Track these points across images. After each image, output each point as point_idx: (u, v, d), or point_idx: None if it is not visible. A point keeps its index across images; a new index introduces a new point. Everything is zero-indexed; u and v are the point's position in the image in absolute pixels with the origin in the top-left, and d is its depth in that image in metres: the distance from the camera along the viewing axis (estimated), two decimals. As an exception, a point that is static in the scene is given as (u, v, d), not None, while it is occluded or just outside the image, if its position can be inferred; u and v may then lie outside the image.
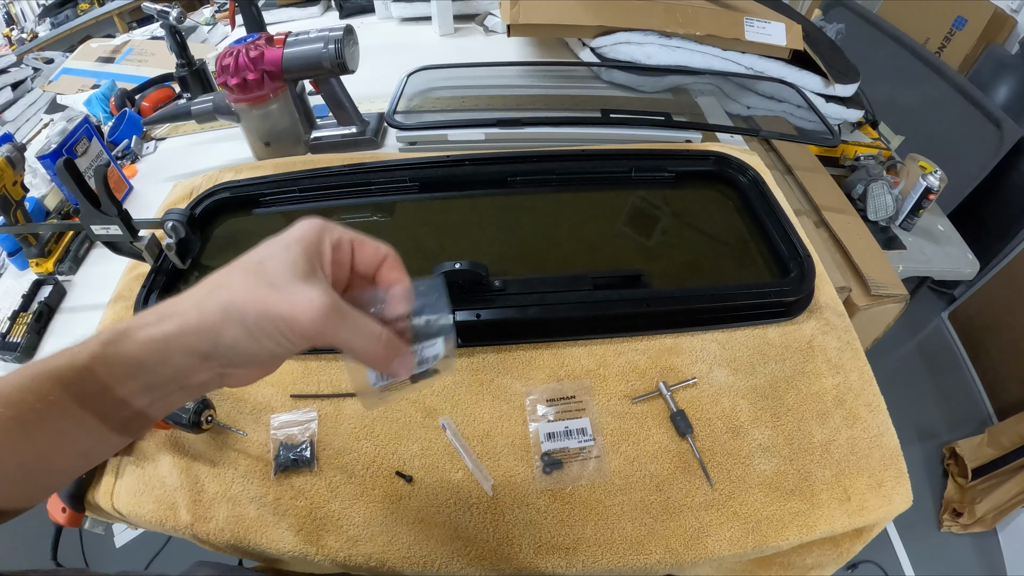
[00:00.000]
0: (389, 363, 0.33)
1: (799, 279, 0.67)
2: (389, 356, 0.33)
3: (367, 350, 0.32)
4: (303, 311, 0.29)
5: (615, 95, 1.07)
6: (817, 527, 0.53)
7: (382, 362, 0.33)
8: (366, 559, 0.52)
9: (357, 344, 0.31)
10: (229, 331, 0.29)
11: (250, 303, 0.29)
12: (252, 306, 0.29)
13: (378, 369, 0.35)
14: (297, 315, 0.28)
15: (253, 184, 0.82)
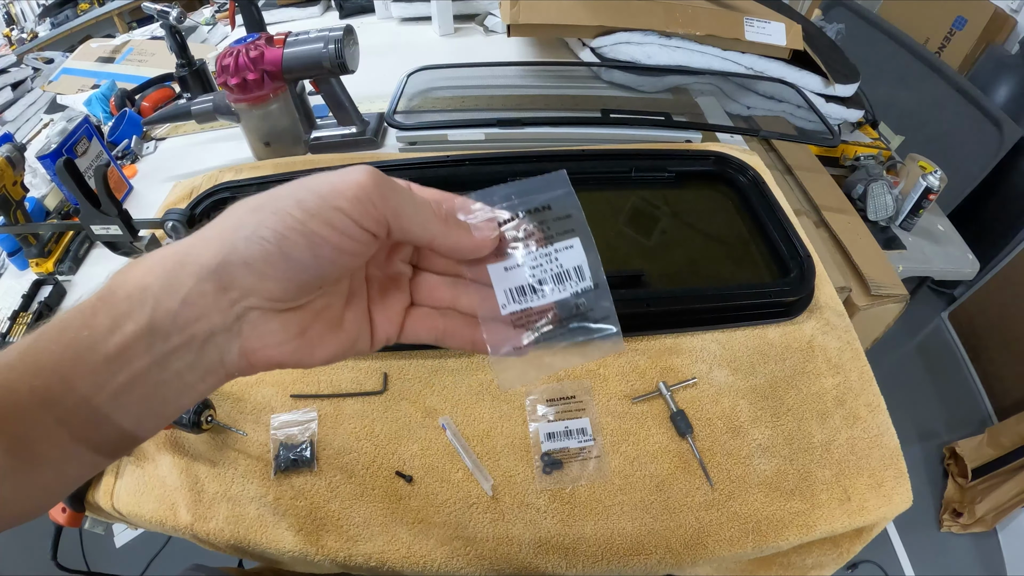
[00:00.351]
0: (472, 243, 0.27)
1: (799, 279, 0.67)
2: (462, 233, 0.27)
3: (428, 223, 0.26)
4: (344, 176, 0.25)
5: (615, 95, 1.07)
6: (817, 527, 0.53)
7: (456, 240, 0.27)
8: (366, 559, 0.52)
9: (415, 214, 0.26)
10: (256, 215, 0.24)
11: (282, 189, 0.25)
12: (285, 189, 0.25)
13: (461, 253, 0.28)
14: (338, 181, 0.25)
15: (253, 184, 0.82)
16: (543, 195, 0.28)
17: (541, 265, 0.28)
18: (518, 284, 0.28)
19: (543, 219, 0.28)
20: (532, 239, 0.28)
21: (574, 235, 0.28)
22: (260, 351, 0.25)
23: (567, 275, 0.29)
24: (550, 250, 0.28)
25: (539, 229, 0.28)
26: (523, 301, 0.28)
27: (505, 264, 0.29)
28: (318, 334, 0.27)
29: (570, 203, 0.28)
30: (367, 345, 0.30)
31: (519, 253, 0.28)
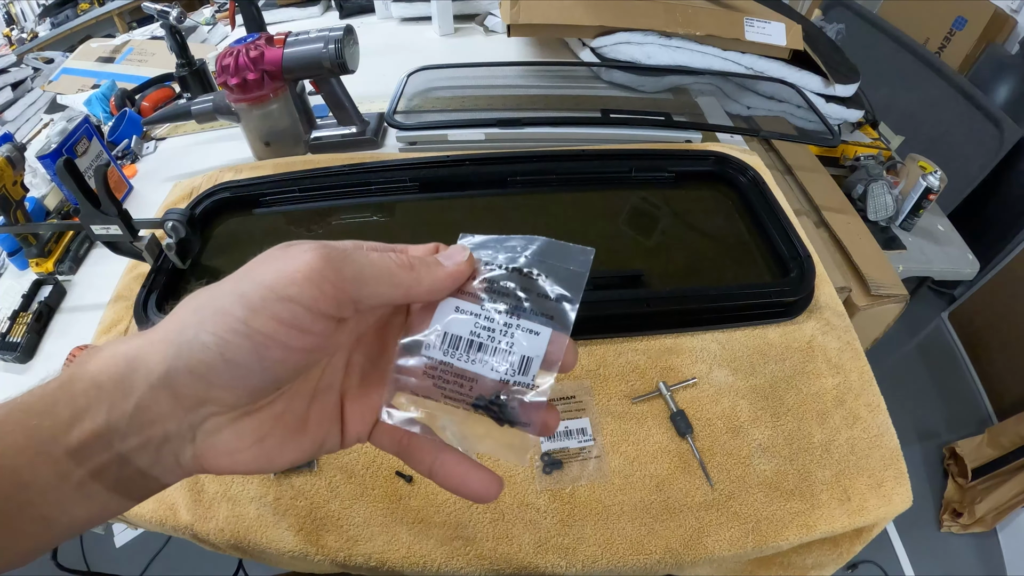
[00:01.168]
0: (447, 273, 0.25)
1: (799, 279, 0.67)
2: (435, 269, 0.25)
3: (395, 277, 0.24)
4: (289, 259, 0.23)
5: (615, 95, 1.07)
6: (817, 527, 0.53)
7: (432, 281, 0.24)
8: (366, 559, 0.52)
9: (380, 275, 0.24)
10: (197, 315, 0.22)
11: (225, 284, 0.23)
12: (229, 282, 0.23)
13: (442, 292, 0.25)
14: (283, 266, 0.22)
15: (253, 184, 0.82)
16: (550, 262, 0.24)
17: (492, 330, 0.24)
18: (458, 332, 0.24)
19: (528, 287, 0.24)
20: (504, 299, 0.25)
21: (548, 326, 0.24)
22: (214, 460, 0.23)
23: (508, 357, 0.24)
24: (512, 321, 0.24)
25: (514, 293, 0.24)
26: (451, 354, 0.24)
27: (459, 304, 0.25)
28: (278, 441, 0.25)
29: (573, 285, 0.24)
30: (336, 445, 0.27)
31: (479, 304, 0.25)
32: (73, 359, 0.57)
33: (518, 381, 0.24)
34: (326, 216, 0.82)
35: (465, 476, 0.26)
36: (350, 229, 0.81)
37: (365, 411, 0.27)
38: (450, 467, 0.26)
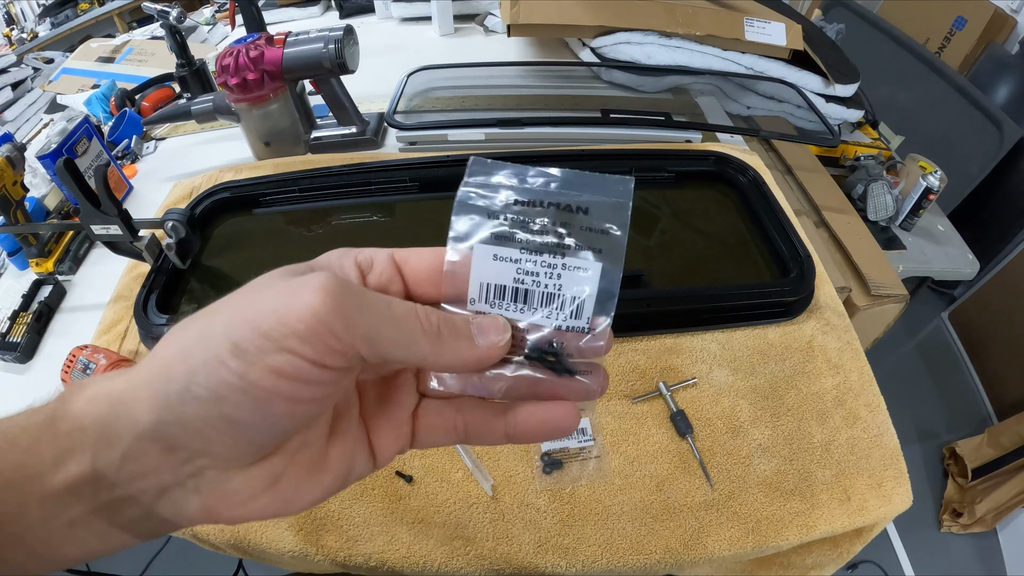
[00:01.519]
0: (474, 356, 0.22)
1: (799, 279, 0.68)
2: (460, 346, 0.22)
3: (413, 343, 0.21)
4: (292, 299, 0.19)
5: (615, 95, 1.07)
6: (817, 527, 0.53)
7: (452, 358, 0.22)
8: (366, 559, 0.52)
9: (396, 335, 0.21)
10: (186, 363, 0.19)
11: (215, 321, 0.20)
12: (219, 320, 0.19)
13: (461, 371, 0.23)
14: (283, 309, 0.19)
15: (253, 184, 0.82)
16: (588, 195, 0.22)
17: (537, 274, 0.22)
18: (500, 281, 0.22)
19: (569, 222, 0.22)
20: (544, 236, 0.22)
21: (598, 259, 0.21)
22: (225, 511, 0.21)
23: (559, 302, 0.22)
24: (557, 261, 0.22)
25: (553, 229, 0.22)
26: (496, 305, 0.22)
27: (497, 251, 0.22)
28: (295, 481, 0.22)
29: (616, 218, 0.22)
30: (368, 469, 0.24)
31: (517, 247, 0.22)
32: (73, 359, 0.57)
33: (572, 326, 0.22)
34: (326, 216, 0.82)
35: (549, 418, 0.23)
36: (350, 229, 0.81)
37: (396, 424, 0.24)
38: (528, 419, 0.23)
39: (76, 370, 0.56)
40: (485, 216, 0.22)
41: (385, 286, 0.23)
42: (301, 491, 0.22)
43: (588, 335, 0.22)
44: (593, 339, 0.22)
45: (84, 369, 0.56)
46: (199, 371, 0.19)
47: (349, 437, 0.23)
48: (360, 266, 0.23)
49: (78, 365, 0.56)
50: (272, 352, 0.19)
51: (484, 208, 0.22)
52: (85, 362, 0.56)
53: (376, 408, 0.24)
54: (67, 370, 0.57)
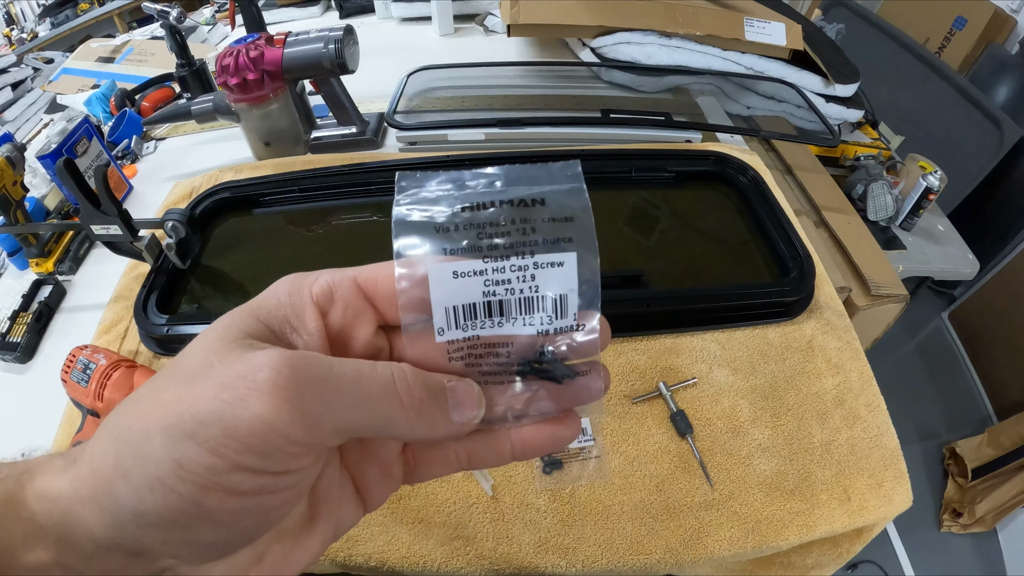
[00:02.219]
0: (446, 431, 0.20)
1: (799, 279, 0.67)
2: (435, 418, 0.20)
3: (389, 421, 0.19)
4: (238, 405, 0.16)
5: (615, 95, 1.07)
6: (817, 527, 0.53)
7: (427, 431, 0.20)
8: (366, 559, 0.52)
9: (370, 418, 0.18)
10: (129, 484, 0.17)
11: (151, 426, 0.17)
12: (155, 426, 0.17)
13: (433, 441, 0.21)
14: (229, 416, 0.16)
15: (253, 184, 0.82)
16: (539, 187, 0.20)
17: (508, 281, 0.19)
18: (468, 300, 0.19)
19: (528, 217, 0.19)
20: (505, 238, 0.19)
21: (569, 248, 0.19)
22: None
23: (540, 304, 0.20)
24: (527, 262, 0.19)
25: (519, 230, 0.19)
26: (470, 327, 0.20)
27: (456, 267, 0.19)
28: (281, 554, 0.20)
29: (576, 203, 0.19)
30: (358, 517, 0.22)
31: (479, 257, 0.19)
32: (73, 359, 0.57)
33: (559, 327, 0.20)
34: (326, 216, 0.82)
35: (553, 430, 0.21)
36: (350, 229, 0.81)
37: (385, 464, 0.22)
38: (534, 435, 0.21)
39: (76, 370, 0.56)
40: (432, 232, 0.19)
41: (351, 323, 0.20)
42: (290, 560, 0.21)
43: (579, 332, 0.20)
44: (585, 335, 0.20)
45: (84, 369, 0.56)
46: (145, 497, 0.16)
47: (333, 493, 0.21)
48: (318, 303, 0.20)
49: (78, 365, 0.56)
50: (225, 473, 0.16)
51: (427, 223, 0.19)
52: (85, 362, 0.56)
53: (359, 454, 0.22)
54: (67, 370, 0.57)
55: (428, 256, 0.19)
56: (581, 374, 0.21)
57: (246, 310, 0.20)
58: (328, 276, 0.20)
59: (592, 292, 0.20)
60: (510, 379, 0.21)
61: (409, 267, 0.19)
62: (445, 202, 0.20)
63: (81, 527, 0.17)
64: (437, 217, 0.19)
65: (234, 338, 0.18)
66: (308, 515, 0.21)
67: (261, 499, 0.17)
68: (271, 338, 0.19)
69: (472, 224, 0.19)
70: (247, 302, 0.20)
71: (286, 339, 0.20)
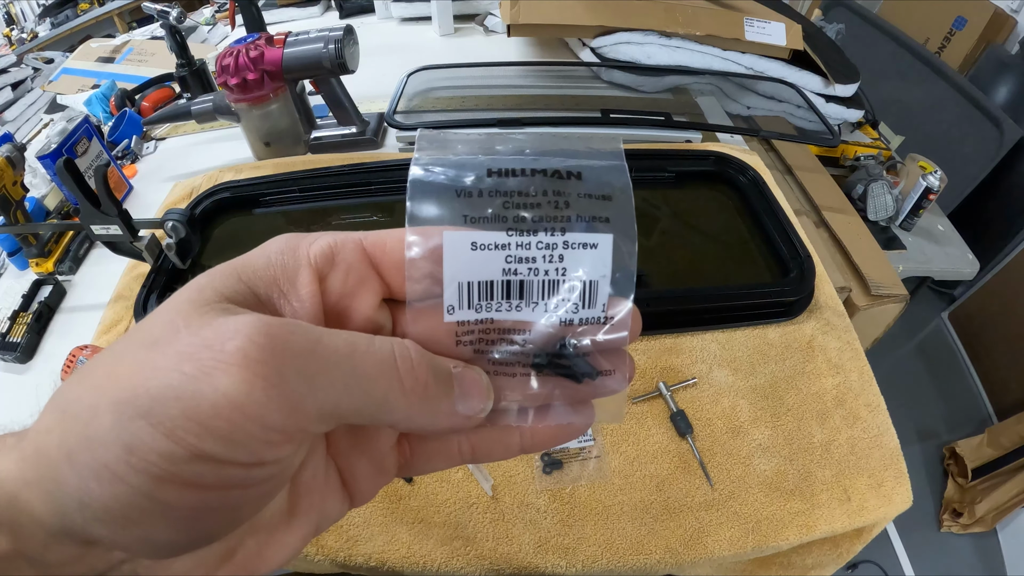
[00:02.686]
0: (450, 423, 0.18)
1: (799, 279, 0.67)
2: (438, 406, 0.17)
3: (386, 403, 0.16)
4: (207, 377, 0.14)
5: (615, 95, 1.07)
6: (817, 527, 0.53)
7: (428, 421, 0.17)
8: (366, 559, 0.52)
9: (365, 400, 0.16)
10: (74, 468, 0.14)
11: (101, 395, 0.14)
12: (104, 401, 0.14)
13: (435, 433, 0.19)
14: (200, 390, 0.14)
15: (253, 184, 0.82)
16: (575, 160, 0.17)
17: (532, 259, 0.17)
18: (485, 276, 0.17)
19: (562, 190, 0.17)
20: (535, 211, 0.17)
21: (605, 230, 0.17)
22: None
23: (565, 289, 0.17)
24: (556, 239, 0.17)
25: (551, 203, 0.17)
26: (484, 307, 0.18)
27: (477, 237, 0.17)
28: (255, 549, 0.18)
29: (616, 180, 0.17)
30: (343, 511, 0.20)
31: (503, 228, 0.17)
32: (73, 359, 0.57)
33: (585, 318, 0.18)
34: (326, 216, 0.82)
35: (567, 428, 0.19)
36: (350, 229, 0.81)
37: (376, 455, 0.20)
38: (544, 429, 0.19)
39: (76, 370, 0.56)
40: (453, 196, 0.17)
41: (352, 292, 0.18)
42: (264, 556, 0.18)
43: (606, 325, 0.18)
44: (613, 329, 0.18)
45: (84, 369, 0.56)
46: (91, 486, 0.14)
47: (317, 484, 0.19)
48: (316, 266, 0.17)
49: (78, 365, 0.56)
50: (183, 462, 0.13)
51: (448, 186, 0.17)
52: (85, 362, 0.56)
53: (349, 442, 0.19)
54: (67, 370, 0.57)
55: (445, 223, 0.17)
56: (604, 374, 0.18)
57: (228, 269, 0.17)
58: (330, 237, 0.18)
59: (626, 282, 0.17)
60: (524, 372, 0.18)
61: (422, 235, 0.17)
62: (470, 165, 0.17)
63: (28, 513, 0.15)
64: (460, 179, 0.17)
65: (208, 300, 0.16)
66: (288, 507, 0.18)
67: (228, 494, 0.14)
68: (254, 303, 0.16)
69: (498, 191, 0.17)
70: (232, 260, 0.17)
71: (272, 306, 0.17)
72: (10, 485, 0.15)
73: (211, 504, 0.15)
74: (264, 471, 0.15)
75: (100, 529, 0.14)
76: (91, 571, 0.16)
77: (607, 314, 0.18)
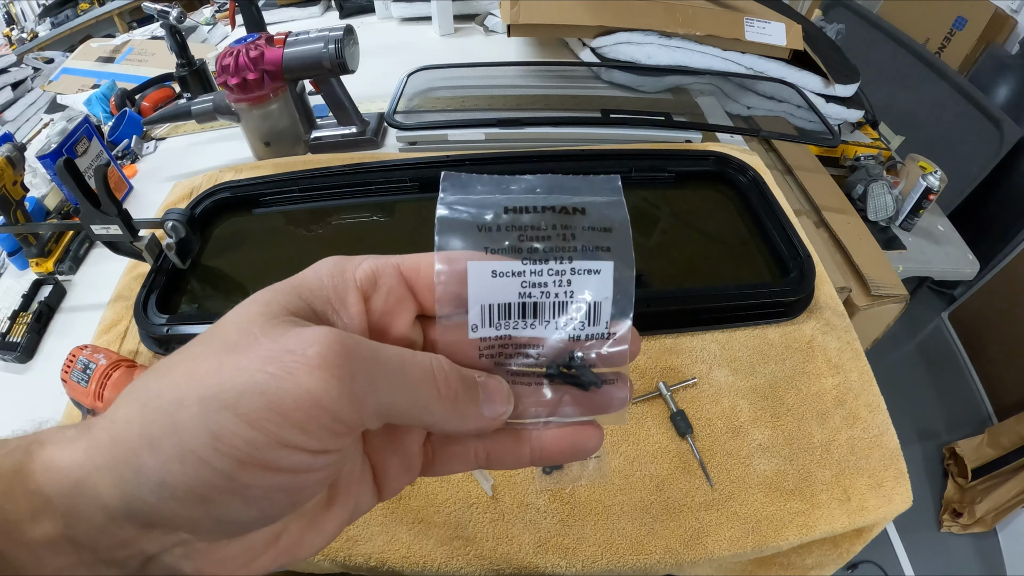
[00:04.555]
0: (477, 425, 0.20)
1: (799, 279, 0.67)
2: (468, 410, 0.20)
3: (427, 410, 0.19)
4: (286, 380, 0.16)
5: (615, 95, 1.07)
6: (817, 527, 0.53)
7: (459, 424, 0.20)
8: (366, 559, 0.52)
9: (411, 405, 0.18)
10: (156, 455, 0.16)
11: (186, 397, 0.16)
12: (190, 396, 0.16)
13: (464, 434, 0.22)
14: (275, 391, 0.16)
15: (253, 184, 0.82)
16: (579, 197, 0.20)
17: (544, 284, 0.20)
18: (504, 300, 0.20)
19: (568, 224, 0.20)
20: (545, 243, 0.20)
21: (607, 257, 0.20)
22: (224, 573, 0.19)
23: (573, 310, 0.20)
24: (565, 267, 0.20)
25: (560, 235, 0.20)
26: (503, 325, 0.20)
27: (496, 266, 0.20)
28: (297, 535, 0.20)
29: (615, 214, 0.20)
30: (372, 503, 0.22)
31: (518, 258, 0.20)
32: (73, 359, 0.57)
33: (591, 334, 0.21)
34: (326, 216, 0.82)
35: (577, 440, 0.22)
36: (350, 229, 0.81)
37: (407, 455, 0.22)
38: (555, 443, 0.22)
39: (76, 370, 0.56)
40: (475, 231, 0.20)
41: (392, 310, 0.20)
42: (304, 543, 0.21)
43: (609, 341, 0.21)
44: (615, 344, 0.21)
45: (84, 369, 0.56)
46: (174, 468, 0.16)
47: (355, 477, 0.21)
48: (362, 287, 0.20)
49: (78, 365, 0.56)
50: (264, 448, 0.16)
51: (471, 222, 0.20)
52: (85, 362, 0.56)
53: (383, 441, 0.22)
54: (67, 370, 0.57)
55: (468, 253, 0.20)
56: (608, 382, 0.21)
57: (288, 287, 0.19)
58: (372, 261, 0.20)
59: (625, 302, 0.20)
60: (537, 381, 0.21)
61: (449, 262, 0.20)
62: (489, 204, 0.20)
63: (92, 497, 0.17)
64: (480, 216, 0.20)
65: (276, 313, 0.18)
66: (327, 497, 0.21)
67: (297, 477, 0.17)
68: (313, 317, 0.19)
69: (514, 226, 0.20)
70: (287, 279, 0.20)
71: (328, 320, 0.19)
72: (76, 472, 0.17)
73: (282, 485, 0.17)
74: (327, 459, 0.17)
75: (176, 508, 0.16)
76: (140, 554, 0.18)
77: (610, 330, 0.21)
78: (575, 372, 0.21)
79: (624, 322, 0.21)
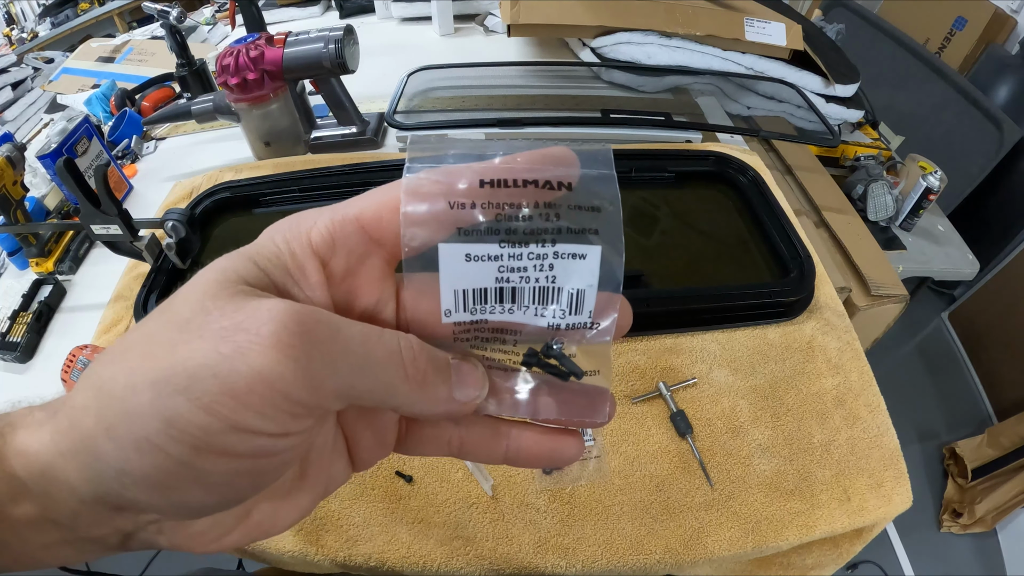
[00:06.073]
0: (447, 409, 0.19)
1: (799, 279, 0.67)
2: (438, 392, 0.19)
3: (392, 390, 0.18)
4: (235, 358, 0.15)
5: (615, 95, 1.07)
6: (817, 527, 0.53)
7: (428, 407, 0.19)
8: (366, 559, 0.52)
9: (375, 385, 0.17)
10: (113, 441, 0.16)
11: (139, 375, 0.16)
12: (143, 381, 0.15)
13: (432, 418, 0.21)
14: (236, 367, 0.15)
15: (253, 184, 0.82)
16: (565, 169, 0.18)
17: (524, 268, 0.18)
18: (479, 284, 0.18)
19: (554, 201, 0.17)
20: (526, 223, 0.17)
21: (594, 241, 0.18)
22: (197, 547, 0.20)
23: (554, 297, 0.18)
24: (547, 250, 0.18)
25: (542, 215, 0.17)
26: (478, 310, 0.19)
27: (470, 249, 0.18)
28: (268, 511, 0.20)
29: (605, 191, 0.18)
30: (347, 476, 0.22)
31: (495, 240, 0.17)
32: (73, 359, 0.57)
33: (572, 323, 0.19)
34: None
35: (554, 447, 0.21)
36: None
37: (381, 430, 0.21)
38: (532, 447, 0.21)
39: (76, 370, 0.56)
40: (446, 207, 0.17)
41: (356, 270, 0.19)
42: (277, 518, 0.20)
43: (592, 331, 0.19)
44: (598, 335, 0.19)
45: (84, 369, 0.56)
46: (131, 456, 0.15)
47: (326, 452, 0.20)
48: (319, 252, 0.18)
49: (78, 365, 0.56)
50: (219, 433, 0.15)
51: (441, 195, 0.17)
52: (85, 362, 0.56)
53: (356, 415, 0.21)
54: (67, 370, 0.57)
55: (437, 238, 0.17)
56: (588, 374, 0.20)
57: (244, 254, 0.18)
58: (328, 220, 0.18)
59: (612, 290, 0.19)
60: (514, 368, 0.20)
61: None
62: (464, 174, 0.17)
63: (63, 482, 0.17)
64: (454, 191, 0.17)
65: (232, 283, 0.17)
66: (299, 473, 0.20)
67: (256, 462, 0.16)
68: (270, 287, 0.18)
69: (491, 203, 0.17)
70: (245, 246, 0.18)
71: (287, 291, 0.18)
72: (45, 456, 0.17)
73: (241, 470, 0.16)
74: (288, 441, 0.17)
75: (138, 494, 0.16)
76: (117, 531, 0.18)
77: (593, 320, 0.19)
78: (553, 360, 0.19)
79: (609, 312, 0.19)
